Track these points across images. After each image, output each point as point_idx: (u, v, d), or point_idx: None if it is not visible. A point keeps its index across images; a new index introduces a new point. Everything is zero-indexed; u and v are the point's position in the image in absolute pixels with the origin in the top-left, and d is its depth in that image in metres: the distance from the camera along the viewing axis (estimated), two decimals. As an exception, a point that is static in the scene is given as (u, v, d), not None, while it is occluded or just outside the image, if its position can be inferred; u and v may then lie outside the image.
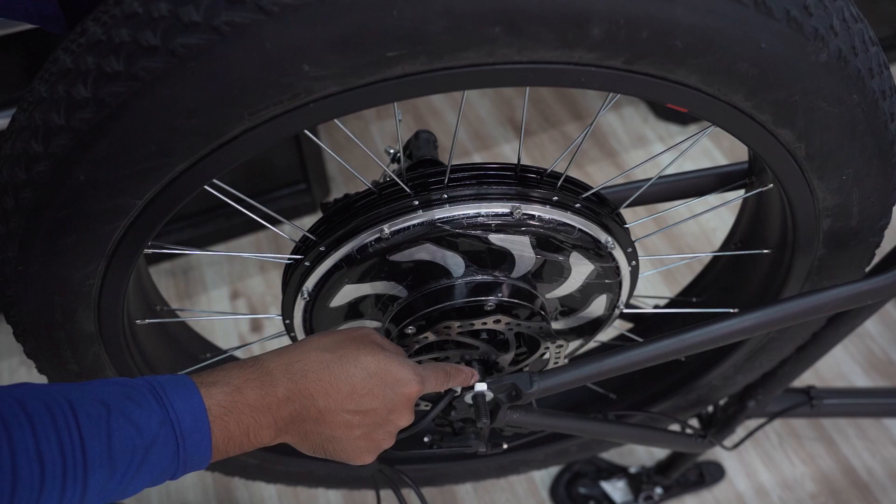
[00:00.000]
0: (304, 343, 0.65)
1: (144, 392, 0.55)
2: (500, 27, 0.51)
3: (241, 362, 0.62)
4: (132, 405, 0.54)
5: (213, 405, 0.57)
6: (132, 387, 0.56)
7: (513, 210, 0.70)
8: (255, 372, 0.61)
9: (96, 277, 0.67)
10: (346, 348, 0.64)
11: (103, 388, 0.55)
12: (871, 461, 1.45)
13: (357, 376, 0.63)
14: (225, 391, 0.58)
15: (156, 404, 0.55)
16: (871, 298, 0.80)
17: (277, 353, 0.64)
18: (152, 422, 0.54)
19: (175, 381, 0.57)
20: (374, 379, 0.64)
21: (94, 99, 0.54)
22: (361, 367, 0.63)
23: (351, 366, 0.63)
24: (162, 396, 0.55)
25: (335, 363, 0.63)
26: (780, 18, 0.55)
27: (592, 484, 1.42)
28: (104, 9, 0.53)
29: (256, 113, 0.55)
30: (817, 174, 0.69)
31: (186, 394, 0.56)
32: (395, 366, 0.65)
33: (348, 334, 0.67)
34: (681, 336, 0.77)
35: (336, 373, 0.63)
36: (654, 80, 0.57)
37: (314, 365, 0.62)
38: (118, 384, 0.56)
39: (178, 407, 0.55)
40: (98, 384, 0.56)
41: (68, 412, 0.51)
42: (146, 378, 0.57)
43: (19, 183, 0.59)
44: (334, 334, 0.67)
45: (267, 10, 0.49)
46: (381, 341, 0.68)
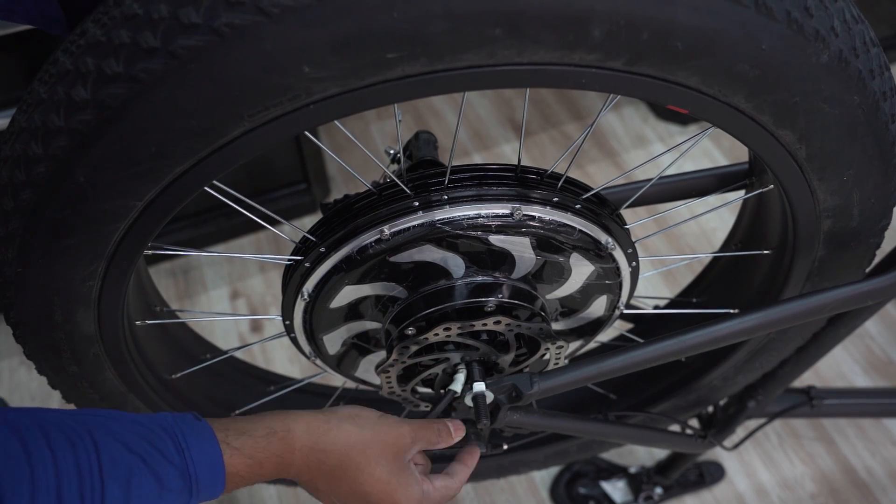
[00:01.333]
0: (338, 429, 0.65)
1: (167, 441, 0.56)
2: (501, 29, 0.51)
3: (272, 426, 0.62)
4: (154, 454, 0.54)
5: (231, 472, 0.59)
6: (153, 431, 0.56)
7: (513, 211, 0.70)
8: (280, 447, 0.62)
9: (96, 278, 0.67)
10: (371, 454, 0.65)
11: (125, 429, 0.55)
12: (871, 461, 1.45)
13: (362, 487, 0.65)
14: (247, 464, 0.60)
15: (177, 456, 0.56)
16: (871, 299, 0.80)
17: (309, 427, 0.64)
18: (173, 474, 0.55)
19: (197, 435, 0.58)
20: (374, 497, 0.66)
21: (94, 100, 0.53)
22: (373, 482, 0.65)
23: (364, 475, 0.65)
24: (184, 449, 0.56)
25: (351, 468, 0.64)
26: (781, 19, 0.55)
27: (592, 484, 1.42)
28: (104, 10, 0.53)
29: (256, 114, 0.55)
30: (818, 175, 0.69)
31: (209, 453, 0.57)
32: (402, 497, 0.67)
33: (380, 437, 0.67)
34: (681, 337, 0.77)
35: (347, 475, 0.65)
36: (654, 81, 0.57)
37: (332, 459, 0.64)
38: (138, 424, 0.56)
39: (199, 466, 0.56)
40: (118, 420, 0.56)
41: (91, 450, 0.51)
42: (166, 422, 0.58)
43: (19, 184, 0.59)
44: (369, 431, 0.66)
45: (267, 11, 0.49)
46: (407, 456, 0.69)
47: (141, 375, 0.83)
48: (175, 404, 0.90)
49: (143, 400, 0.85)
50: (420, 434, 0.71)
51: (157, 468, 0.54)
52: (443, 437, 0.73)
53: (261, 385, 1.03)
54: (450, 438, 0.74)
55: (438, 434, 0.73)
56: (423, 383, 0.84)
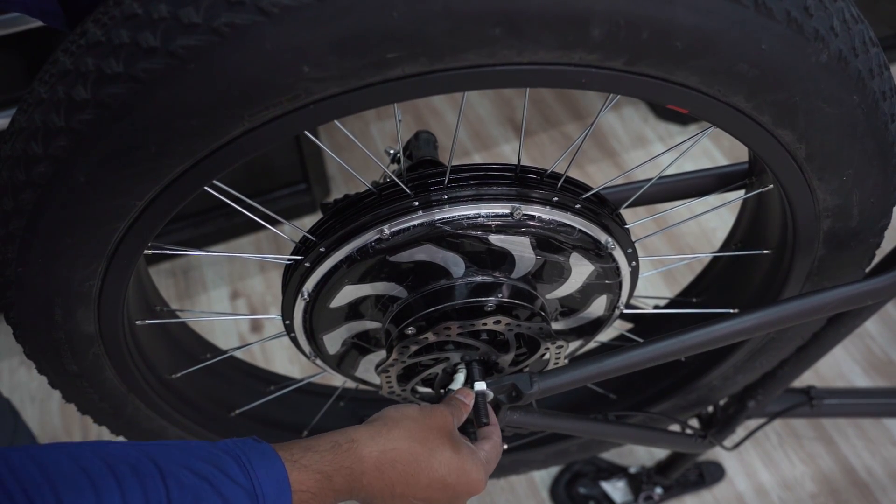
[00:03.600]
0: (397, 427, 0.66)
1: (231, 463, 0.55)
2: (501, 28, 0.51)
3: (334, 442, 0.63)
4: (220, 476, 0.54)
5: (300, 491, 0.58)
6: (218, 456, 0.55)
7: (513, 211, 0.70)
8: (347, 459, 0.62)
9: (96, 278, 0.67)
10: (433, 442, 0.67)
11: (190, 455, 0.54)
12: (871, 461, 1.45)
13: (438, 472, 0.66)
14: (315, 479, 0.59)
15: (243, 477, 0.55)
16: (871, 299, 0.80)
17: (371, 436, 0.65)
18: (239, 495, 0.54)
19: (263, 457, 0.57)
20: (451, 477, 0.67)
21: (94, 100, 0.54)
22: (445, 463, 0.66)
23: (436, 461, 0.66)
24: (250, 472, 0.55)
25: (423, 458, 0.65)
26: (781, 19, 0.55)
27: (592, 484, 1.42)
28: (104, 10, 0.53)
29: (256, 114, 0.55)
30: (817, 175, 0.69)
31: (276, 475, 0.57)
32: (472, 468, 0.68)
33: (434, 423, 0.68)
34: (681, 337, 0.77)
35: (423, 467, 0.65)
36: (654, 81, 0.57)
37: (405, 456, 0.64)
38: (203, 449, 0.56)
39: (266, 487, 0.56)
40: (182, 448, 0.55)
41: (158, 480, 0.51)
42: (229, 447, 0.57)
43: (19, 184, 0.59)
44: (421, 420, 0.68)
45: (267, 11, 0.49)
46: (457, 434, 0.70)
47: (141, 375, 0.83)
48: (175, 404, 0.90)
49: (143, 400, 0.85)
50: (452, 411, 0.72)
51: (224, 490, 0.53)
52: (463, 408, 0.75)
53: (261, 385, 1.03)
54: (467, 407, 0.76)
55: (458, 408, 0.74)
56: (423, 383, 0.84)
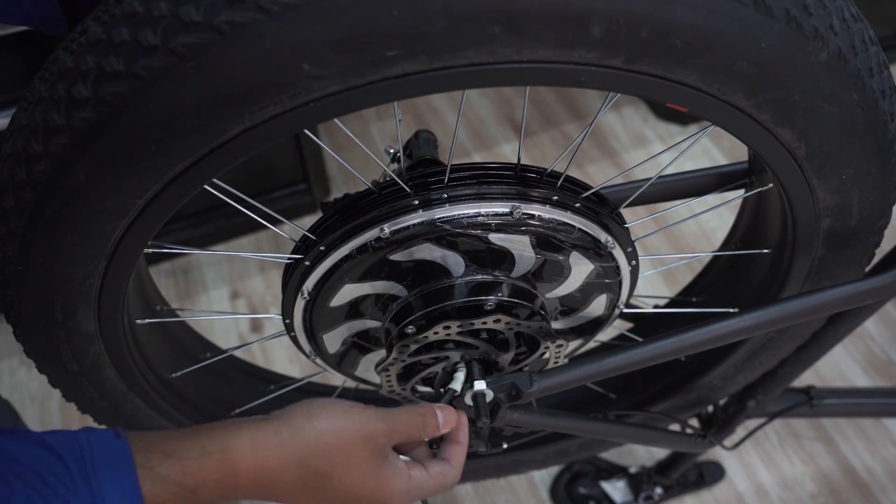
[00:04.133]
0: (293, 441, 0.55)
1: (74, 471, 0.48)
2: (500, 26, 0.51)
3: (205, 445, 0.53)
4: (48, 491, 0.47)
5: (153, 499, 0.50)
6: (62, 459, 0.49)
7: (513, 209, 0.70)
8: (217, 471, 0.52)
9: (96, 277, 0.67)
10: (334, 461, 0.56)
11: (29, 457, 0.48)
12: (871, 461, 1.45)
13: (335, 493, 0.56)
14: (173, 492, 0.50)
15: (83, 487, 0.48)
16: (871, 298, 0.80)
17: (255, 445, 0.54)
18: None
19: (113, 459, 0.50)
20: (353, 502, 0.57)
21: (95, 98, 0.54)
22: (346, 486, 0.56)
23: (335, 482, 0.56)
24: (91, 479, 0.48)
25: (312, 480, 0.55)
26: (780, 18, 0.55)
27: (592, 484, 1.42)
28: (104, 8, 0.53)
29: (256, 112, 0.55)
30: (817, 174, 0.69)
31: (123, 483, 0.49)
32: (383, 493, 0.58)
33: (350, 439, 0.57)
34: (681, 336, 0.77)
35: (309, 489, 0.55)
36: (653, 79, 0.57)
37: (289, 477, 0.54)
38: (48, 451, 0.49)
39: (108, 497, 0.48)
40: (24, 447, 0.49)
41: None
42: (81, 443, 0.50)
43: (19, 182, 0.59)
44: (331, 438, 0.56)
45: (267, 9, 0.49)
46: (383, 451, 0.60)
47: (141, 374, 0.83)
48: (175, 403, 0.90)
49: (143, 399, 0.85)
50: (398, 428, 0.61)
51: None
52: (428, 428, 0.63)
53: (261, 384, 1.03)
54: (436, 430, 0.64)
55: (423, 425, 0.63)
56: (423, 382, 0.84)
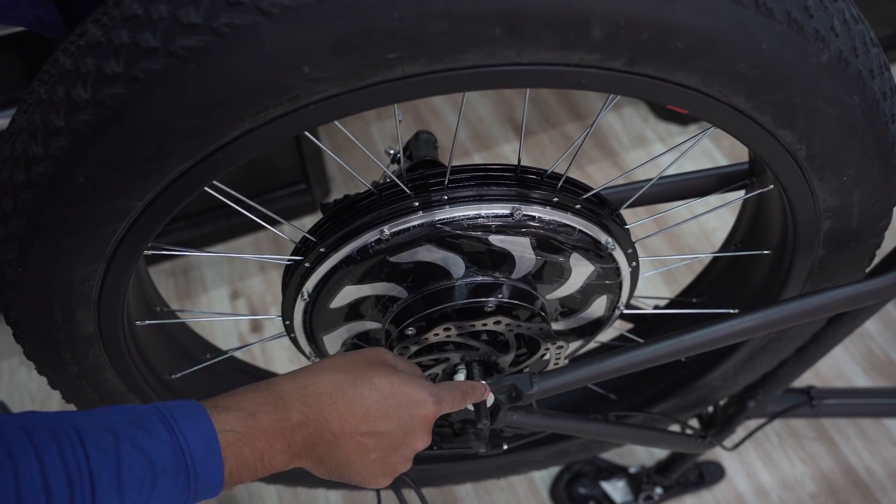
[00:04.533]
0: (317, 366, 0.64)
1: (154, 419, 0.54)
2: (501, 29, 0.51)
3: (252, 386, 0.61)
4: (142, 433, 0.53)
5: (225, 431, 0.56)
6: (141, 414, 0.54)
7: (513, 211, 0.70)
8: (268, 396, 0.59)
9: (96, 279, 0.67)
10: (360, 370, 0.63)
11: (111, 416, 0.53)
12: (871, 461, 1.45)
13: (371, 398, 0.62)
14: (238, 416, 0.57)
15: (166, 432, 0.54)
16: (871, 299, 0.80)
17: (290, 376, 0.63)
18: (163, 450, 0.53)
19: (186, 408, 0.56)
20: (389, 401, 0.63)
21: (94, 101, 0.53)
22: (376, 388, 0.62)
23: (365, 388, 0.62)
24: (172, 424, 0.54)
25: (349, 385, 0.62)
26: (781, 20, 0.55)
27: (592, 484, 1.42)
28: (104, 10, 0.53)
29: (256, 115, 0.55)
30: (818, 175, 0.69)
31: (197, 420, 0.55)
32: (411, 387, 0.64)
33: (361, 356, 0.66)
34: (681, 337, 0.77)
35: (350, 395, 0.62)
36: (654, 81, 0.57)
37: (328, 387, 0.61)
38: (127, 411, 0.55)
39: (188, 435, 0.54)
40: (106, 411, 0.54)
41: (76, 441, 0.50)
42: (155, 405, 0.56)
43: (19, 184, 0.59)
44: (347, 356, 0.66)
45: (267, 11, 0.49)
46: (394, 361, 0.67)
47: (141, 375, 0.83)
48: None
49: (144, 400, 0.85)
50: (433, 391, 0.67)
51: (145, 446, 0.52)
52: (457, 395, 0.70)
53: (261, 385, 1.03)
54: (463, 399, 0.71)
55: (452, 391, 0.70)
56: (423, 383, 0.84)
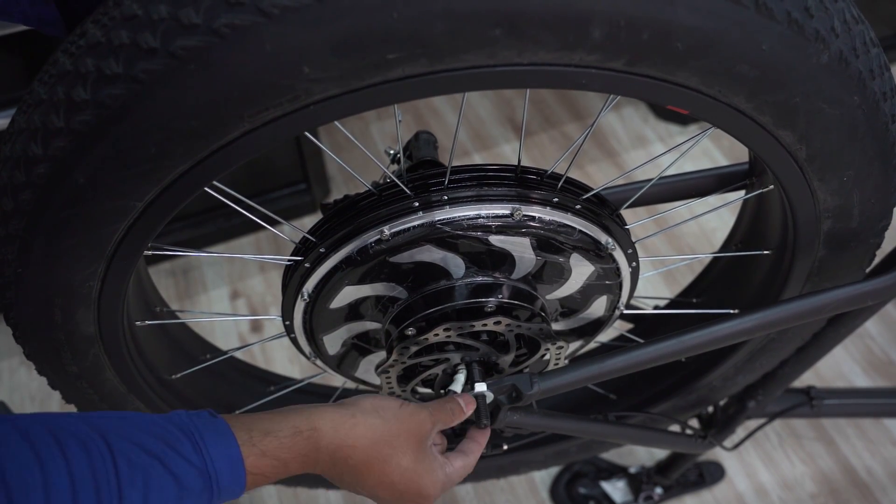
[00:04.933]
0: (364, 423, 0.65)
1: (182, 439, 0.54)
2: (501, 29, 0.51)
3: (297, 426, 0.62)
4: (171, 453, 0.53)
5: (256, 472, 0.58)
6: (168, 430, 0.55)
7: (513, 211, 0.70)
8: (306, 446, 0.62)
9: (96, 279, 0.67)
10: (396, 447, 0.66)
11: (141, 430, 0.53)
12: (871, 461, 1.45)
13: (389, 476, 0.66)
14: (272, 465, 0.59)
15: (195, 454, 0.54)
16: (871, 299, 0.80)
17: (335, 425, 0.64)
18: (191, 473, 0.53)
19: (212, 428, 0.56)
20: (401, 484, 0.67)
21: (94, 101, 0.53)
22: (399, 471, 0.66)
23: (391, 466, 0.66)
24: (200, 446, 0.55)
25: (377, 461, 0.65)
26: (782, 20, 0.55)
27: (592, 484, 1.42)
28: (103, 11, 0.53)
29: (256, 115, 0.55)
30: (818, 176, 0.69)
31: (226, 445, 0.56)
32: (426, 482, 0.68)
33: (403, 427, 0.67)
34: (681, 337, 0.77)
35: (374, 468, 0.65)
36: (654, 81, 0.57)
37: (360, 455, 0.64)
38: (153, 424, 0.55)
39: (218, 463, 0.55)
40: (134, 422, 0.54)
41: (107, 455, 0.50)
42: (179, 419, 0.56)
43: (19, 185, 0.59)
44: (392, 424, 0.67)
45: (267, 12, 0.49)
46: (429, 437, 0.70)
47: (141, 376, 0.83)
48: (175, 405, 0.90)
49: (143, 400, 0.85)
50: (437, 416, 0.71)
51: (175, 468, 0.53)
52: (456, 415, 0.74)
53: (261, 385, 1.03)
54: (462, 414, 0.75)
55: (452, 413, 0.74)
56: (424, 384, 0.84)
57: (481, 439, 0.77)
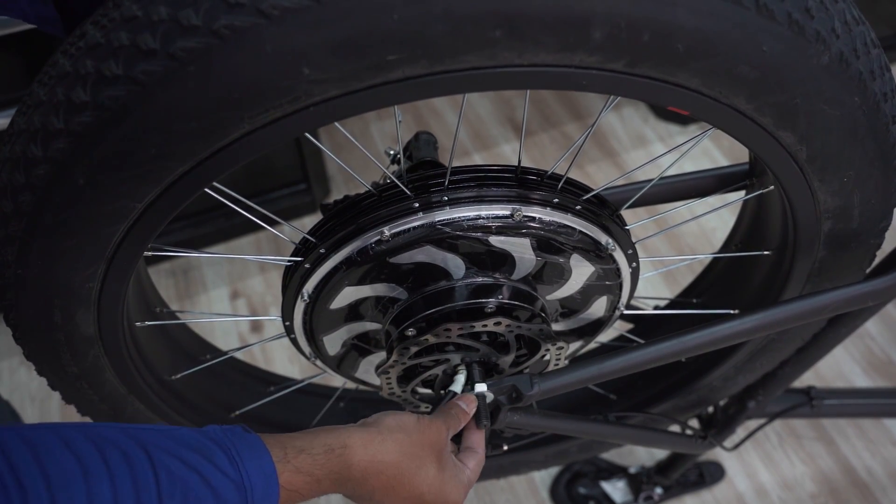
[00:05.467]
0: (391, 438, 0.66)
1: (219, 453, 0.55)
2: (501, 30, 0.51)
3: (330, 444, 0.63)
4: (210, 467, 0.53)
5: (290, 489, 0.59)
6: (204, 444, 0.55)
7: (513, 212, 0.70)
8: (338, 463, 0.62)
9: (96, 280, 0.67)
10: (422, 459, 0.67)
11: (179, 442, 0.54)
12: (871, 461, 1.45)
13: (418, 488, 0.67)
14: (306, 481, 0.60)
15: (232, 469, 0.55)
16: (871, 300, 0.79)
17: (365, 442, 0.65)
18: (228, 487, 0.54)
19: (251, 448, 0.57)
20: (430, 495, 0.68)
21: (94, 102, 0.53)
22: (427, 482, 0.67)
23: (419, 478, 0.67)
24: (237, 461, 0.55)
25: (408, 473, 0.66)
26: (782, 21, 0.55)
27: (592, 484, 1.42)
28: (103, 12, 0.53)
29: (256, 116, 0.55)
30: (818, 176, 0.69)
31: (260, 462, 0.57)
32: (451, 489, 0.69)
33: (426, 439, 0.69)
34: (681, 338, 0.77)
35: (405, 481, 0.66)
36: (655, 83, 0.57)
37: (391, 469, 0.65)
38: (192, 438, 0.55)
39: (254, 478, 0.56)
40: (171, 435, 0.55)
41: (147, 467, 0.50)
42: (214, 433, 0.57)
43: (18, 186, 0.59)
44: (416, 437, 0.68)
45: (267, 13, 0.49)
46: (447, 451, 0.71)
47: (141, 376, 0.82)
48: (175, 405, 0.90)
49: (143, 401, 0.85)
50: (449, 423, 0.73)
51: (214, 481, 0.53)
52: (462, 418, 0.75)
53: (261, 386, 1.03)
54: (467, 416, 0.76)
55: (458, 417, 0.75)
56: (424, 384, 0.84)
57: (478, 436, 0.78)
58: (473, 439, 0.76)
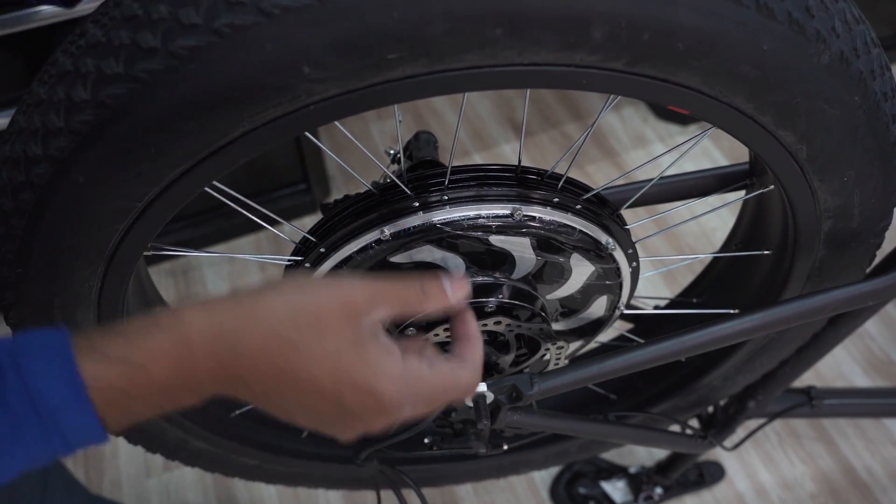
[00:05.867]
0: (253, 301, 0.46)
1: (6, 365, 0.42)
2: (501, 29, 0.51)
3: (148, 322, 0.45)
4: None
5: (98, 386, 0.43)
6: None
7: (513, 211, 0.70)
8: (167, 338, 0.44)
9: (96, 279, 0.67)
10: (302, 324, 0.45)
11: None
12: (871, 461, 1.45)
13: (310, 371, 0.45)
14: (119, 370, 0.43)
15: (11, 374, 0.42)
16: (872, 300, 0.79)
17: (209, 310, 0.46)
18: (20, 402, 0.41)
19: (45, 345, 0.43)
20: (334, 386, 0.45)
21: (94, 101, 0.53)
22: (319, 360, 0.45)
23: (304, 355, 0.45)
24: (23, 366, 0.42)
25: (281, 350, 0.44)
26: (782, 20, 0.55)
27: (592, 484, 1.42)
28: (103, 10, 0.53)
29: (256, 115, 0.55)
30: (818, 176, 0.69)
31: (58, 367, 0.42)
32: (370, 371, 0.46)
33: (322, 301, 0.46)
34: (681, 337, 0.77)
35: (283, 361, 0.44)
36: (655, 82, 0.57)
37: (254, 342, 0.44)
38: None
39: (42, 382, 0.42)
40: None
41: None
42: (14, 340, 0.44)
43: (18, 185, 0.59)
44: (300, 295, 0.47)
45: (267, 12, 0.49)
46: (366, 319, 0.48)
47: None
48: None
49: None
50: (386, 292, 0.50)
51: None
52: (431, 297, 0.52)
53: (261, 385, 1.03)
54: (442, 300, 0.52)
55: (422, 292, 0.51)
56: (424, 384, 0.84)
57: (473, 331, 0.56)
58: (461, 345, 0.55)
